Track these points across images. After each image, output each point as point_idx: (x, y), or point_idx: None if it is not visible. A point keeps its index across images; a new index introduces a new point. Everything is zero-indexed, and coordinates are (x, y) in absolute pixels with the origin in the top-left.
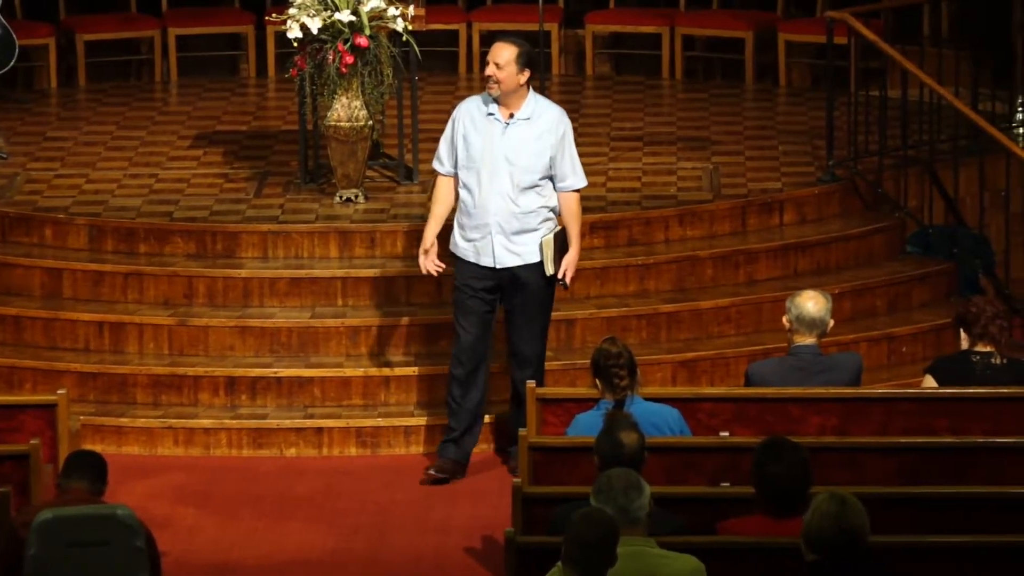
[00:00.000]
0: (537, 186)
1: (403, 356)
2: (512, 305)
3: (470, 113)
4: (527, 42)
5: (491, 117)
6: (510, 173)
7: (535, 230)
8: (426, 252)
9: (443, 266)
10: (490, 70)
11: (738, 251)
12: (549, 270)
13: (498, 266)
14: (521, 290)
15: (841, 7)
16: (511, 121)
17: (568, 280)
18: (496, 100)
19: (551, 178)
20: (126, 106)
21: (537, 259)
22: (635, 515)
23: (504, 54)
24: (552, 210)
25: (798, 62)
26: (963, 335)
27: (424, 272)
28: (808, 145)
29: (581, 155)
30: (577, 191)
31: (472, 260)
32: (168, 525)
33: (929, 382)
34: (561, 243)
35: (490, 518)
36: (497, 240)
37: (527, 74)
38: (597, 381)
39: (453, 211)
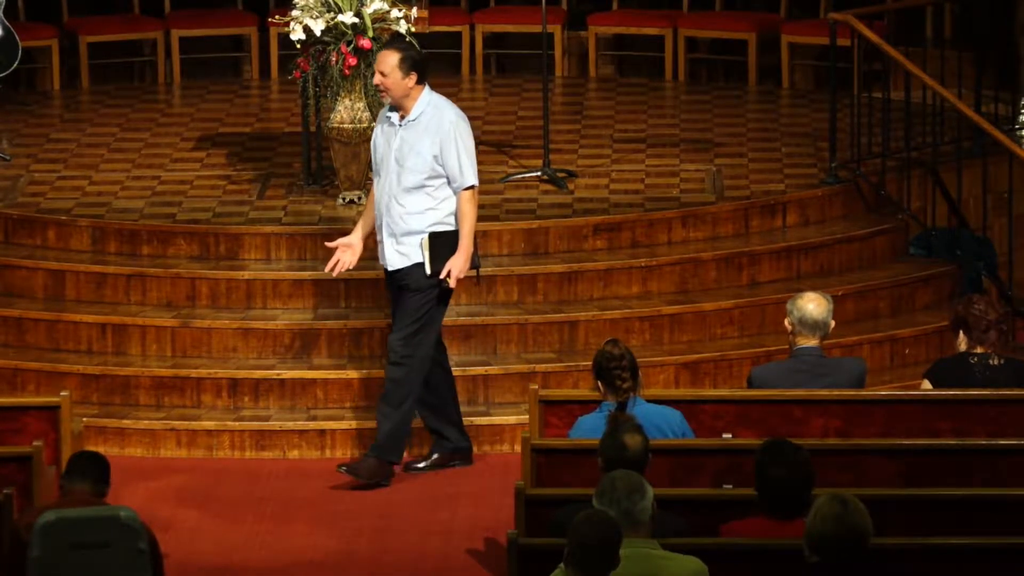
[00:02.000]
0: (425, 187)
1: None
2: (396, 304)
3: (381, 120)
4: (414, 46)
5: (390, 121)
6: (398, 174)
7: (424, 232)
8: (341, 246)
9: (344, 265)
10: (376, 79)
11: (741, 253)
12: (427, 269)
13: (389, 268)
14: (404, 290)
15: (844, 9)
16: (402, 123)
17: (452, 281)
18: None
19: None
20: (129, 108)
21: (421, 260)
22: (638, 518)
23: (388, 61)
24: (451, 214)
25: (801, 64)
26: (961, 336)
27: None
28: (811, 147)
29: (584, 157)
30: (468, 190)
31: (381, 263)
32: (171, 527)
33: (926, 386)
34: (447, 243)
35: (492, 520)
36: (388, 242)
37: (414, 77)
38: (599, 383)
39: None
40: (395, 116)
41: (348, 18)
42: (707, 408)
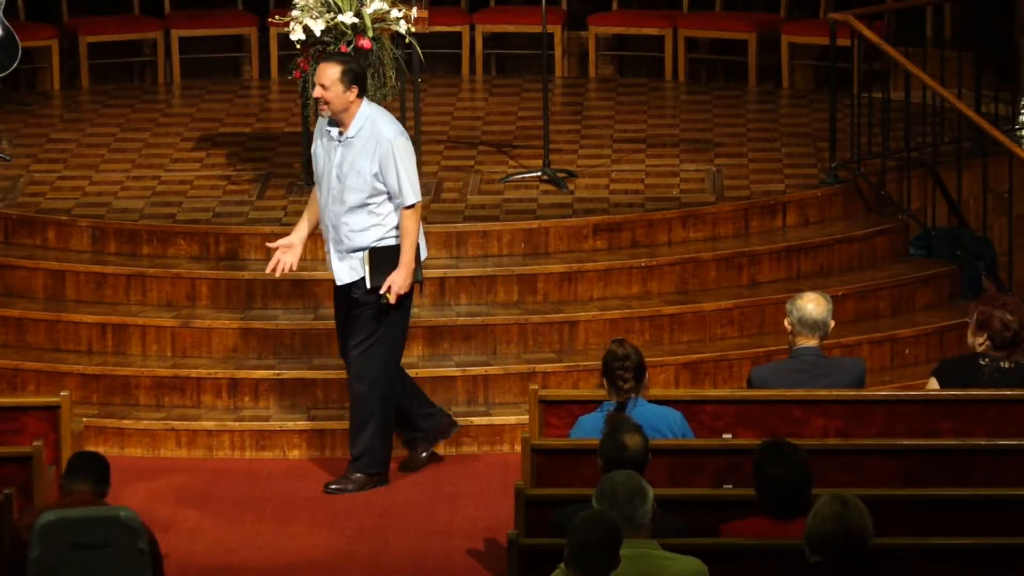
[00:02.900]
0: (368, 205)
1: (405, 358)
2: (347, 318)
3: (321, 128)
4: (355, 60)
5: (330, 134)
6: (340, 191)
7: (368, 249)
8: (282, 247)
9: (285, 265)
10: (317, 92)
11: (741, 253)
12: (368, 283)
13: (338, 282)
14: (353, 306)
15: (844, 9)
16: (342, 139)
17: (392, 297)
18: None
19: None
20: (129, 108)
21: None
22: (639, 522)
23: (328, 74)
24: (397, 227)
25: (801, 64)
26: (983, 338)
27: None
28: (811, 147)
29: (584, 157)
30: (410, 208)
31: (332, 274)
32: (170, 527)
33: (932, 385)
34: (388, 258)
35: (493, 520)
36: (335, 256)
37: (355, 91)
38: (604, 381)
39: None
40: (335, 131)
41: (348, 18)
42: (707, 408)
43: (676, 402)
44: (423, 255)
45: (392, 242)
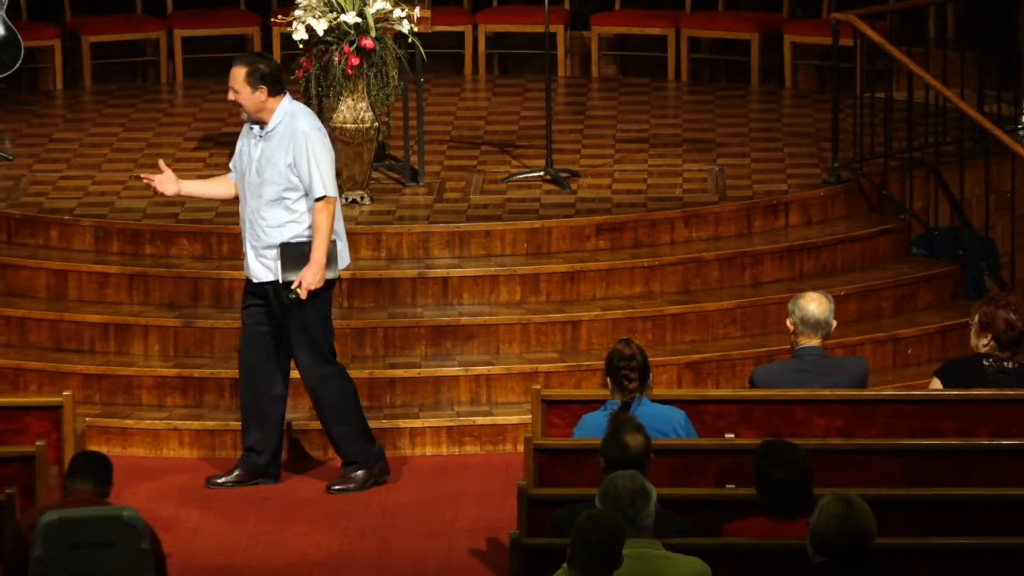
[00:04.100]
0: (284, 199)
1: (408, 358)
2: (277, 320)
3: (244, 131)
4: (264, 59)
5: (252, 132)
6: (258, 186)
7: (280, 244)
8: (169, 179)
9: (152, 179)
10: (230, 95)
11: (743, 253)
12: (280, 277)
13: (253, 279)
14: (278, 305)
15: (847, 9)
16: (263, 134)
17: (303, 292)
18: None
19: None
20: (132, 108)
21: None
22: (642, 523)
23: (236, 77)
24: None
25: (804, 64)
26: (987, 339)
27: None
28: (814, 147)
29: (587, 156)
30: (321, 200)
31: (245, 272)
32: (173, 527)
33: (936, 385)
34: (300, 253)
35: (495, 520)
36: (251, 254)
37: (264, 90)
38: (609, 380)
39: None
40: (256, 128)
41: (351, 18)
42: (710, 408)
43: (679, 402)
44: (345, 259)
45: (306, 239)
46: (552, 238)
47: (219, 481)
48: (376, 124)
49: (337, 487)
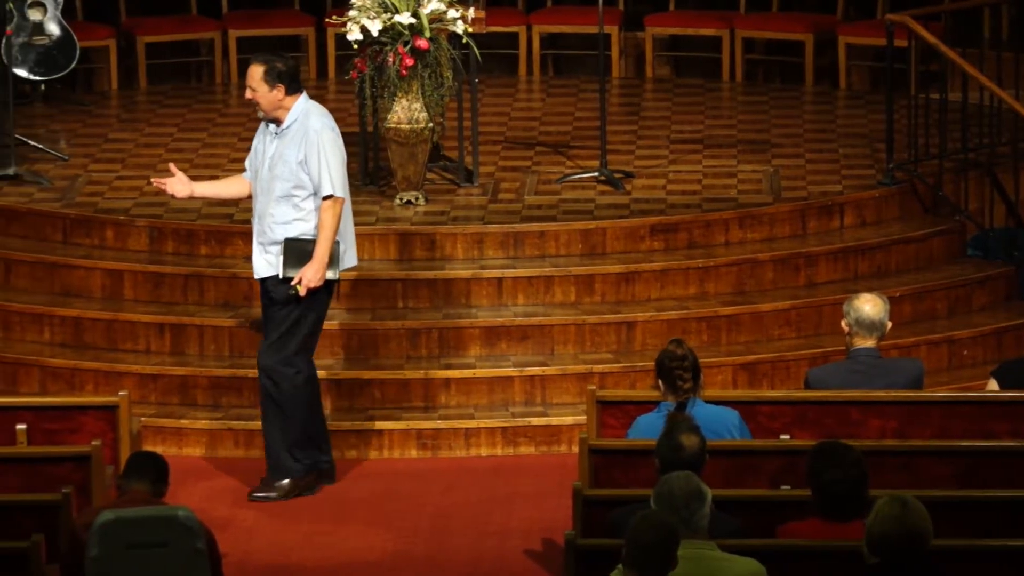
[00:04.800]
0: (293, 196)
1: (463, 358)
2: (264, 315)
3: (261, 128)
4: (281, 58)
5: (268, 129)
6: (269, 180)
7: (284, 240)
8: (181, 180)
9: (164, 183)
10: (247, 94)
11: (798, 254)
12: (281, 272)
13: (256, 275)
14: (269, 299)
15: (901, 9)
16: (277, 132)
17: (302, 290)
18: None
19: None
20: (186, 108)
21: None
22: (697, 525)
23: (253, 75)
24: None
25: (858, 65)
26: None
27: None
28: (868, 148)
29: (641, 157)
30: (328, 199)
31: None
32: (228, 527)
33: (992, 386)
34: (303, 251)
35: (549, 521)
36: (257, 250)
37: (281, 88)
38: (660, 382)
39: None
40: (272, 126)
41: (405, 19)
42: (764, 409)
43: (733, 403)
44: (352, 260)
45: (311, 238)
46: (606, 239)
47: (259, 494)
48: (430, 125)
49: (258, 494)
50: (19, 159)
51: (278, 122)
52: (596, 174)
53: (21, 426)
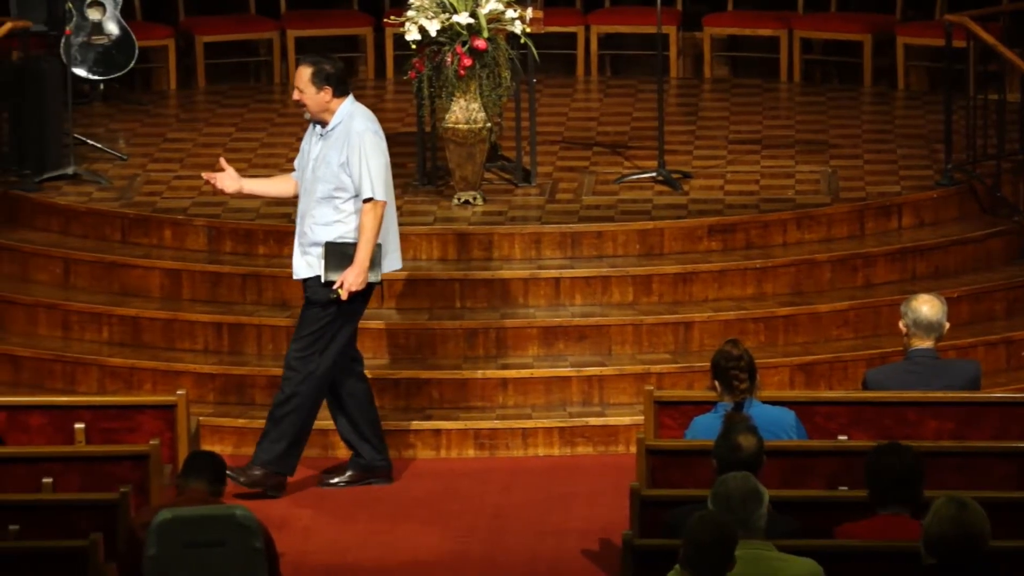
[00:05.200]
0: (334, 198)
1: (520, 358)
2: (301, 312)
3: (309, 129)
4: (329, 60)
5: (315, 130)
6: (312, 181)
7: (325, 243)
8: (231, 176)
9: (214, 177)
10: (295, 95)
11: (856, 255)
12: (322, 275)
13: (294, 276)
14: (307, 299)
15: (959, 10)
16: (322, 134)
17: (344, 293)
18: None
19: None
20: (245, 108)
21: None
22: (754, 525)
23: (301, 77)
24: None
25: (916, 65)
26: None
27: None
28: (926, 149)
29: (699, 158)
30: (369, 202)
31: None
32: (285, 526)
33: None
34: (345, 254)
35: (607, 521)
36: (297, 251)
37: (328, 91)
38: (716, 383)
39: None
40: (318, 127)
41: (463, 19)
42: (821, 410)
43: (790, 403)
44: (396, 263)
45: (352, 240)
46: (664, 239)
47: (332, 481)
48: (488, 125)
49: (230, 472)
50: (78, 159)
51: (324, 123)
52: (654, 174)
53: (80, 425)
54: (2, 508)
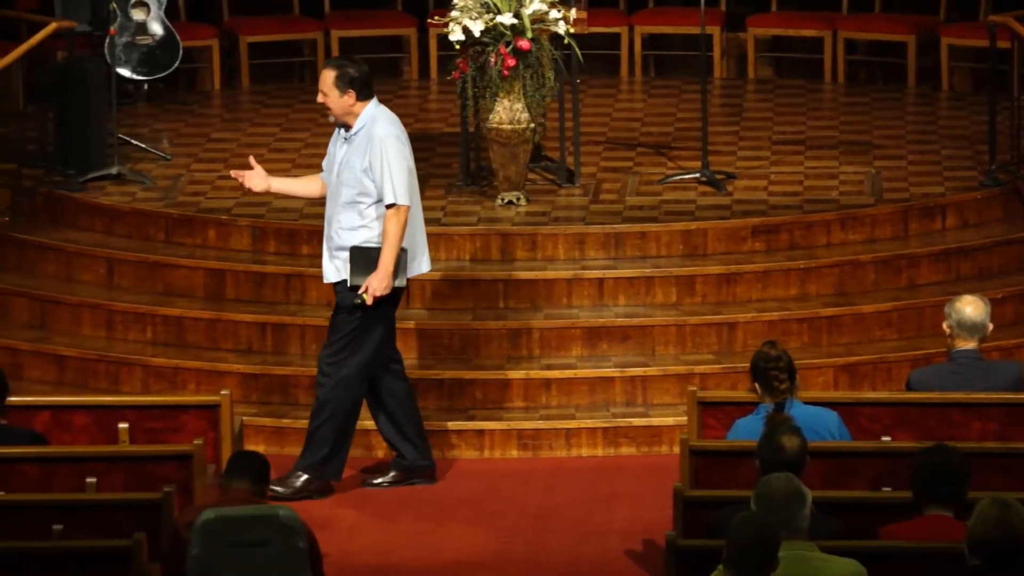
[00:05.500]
0: (358, 203)
1: (564, 359)
2: (331, 317)
3: (335, 133)
4: (353, 63)
5: (340, 134)
6: (337, 186)
7: (351, 248)
8: (259, 175)
9: (243, 175)
10: (319, 98)
11: (900, 255)
12: (348, 280)
13: (324, 280)
14: (336, 304)
15: (1004, 11)
16: (347, 137)
17: (369, 298)
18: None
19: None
20: (289, 108)
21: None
22: (798, 526)
23: (325, 80)
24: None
25: (960, 66)
26: None
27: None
28: (970, 149)
29: (743, 158)
30: (392, 207)
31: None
32: (328, 526)
33: None
34: (370, 259)
35: (650, 521)
36: (326, 255)
37: (352, 94)
38: (756, 385)
39: (314, 196)
40: (343, 130)
41: (507, 19)
42: (865, 411)
43: (834, 404)
44: (425, 266)
45: (376, 245)
46: (708, 240)
47: (375, 481)
48: (532, 125)
49: (275, 486)
50: (122, 159)
51: (348, 127)
52: (697, 175)
53: (124, 425)
54: (46, 508)
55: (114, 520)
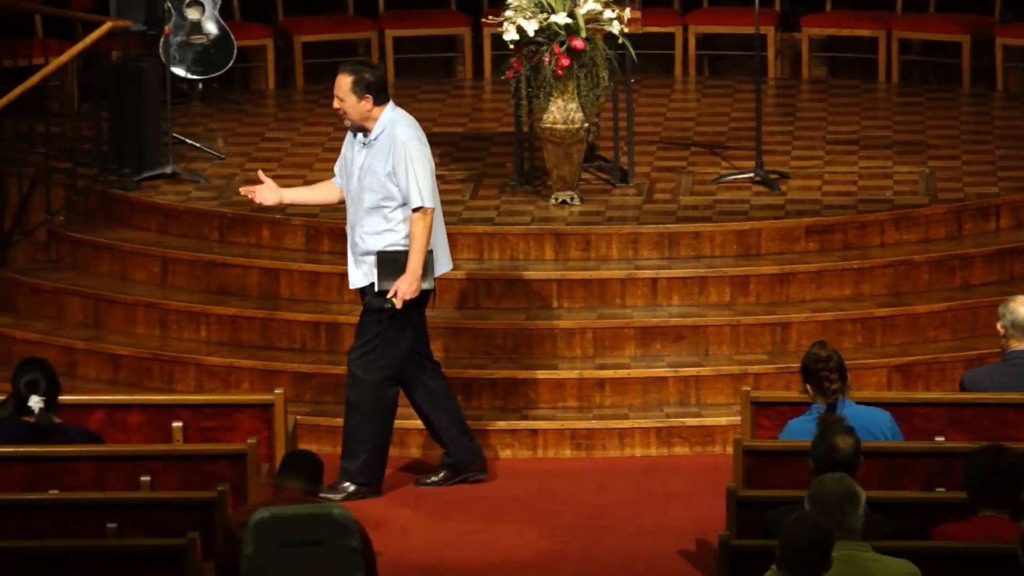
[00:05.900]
0: (382, 208)
1: (617, 359)
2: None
3: (349, 138)
4: (369, 67)
5: (356, 137)
6: (359, 192)
7: (377, 253)
8: (270, 188)
9: (253, 191)
10: (335, 103)
11: (954, 256)
12: (376, 285)
13: (351, 286)
14: (364, 308)
15: None
16: (365, 142)
17: (398, 302)
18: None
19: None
20: None
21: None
22: (851, 526)
23: (341, 85)
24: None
25: (1014, 66)
26: None
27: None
28: None
29: (797, 158)
30: (418, 211)
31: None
32: (381, 525)
33: None
34: (397, 263)
35: (703, 521)
36: (351, 260)
37: (369, 99)
38: (807, 386)
39: (328, 203)
40: (360, 135)
41: (561, 19)
42: (918, 411)
43: (887, 404)
44: (447, 266)
45: (402, 249)
46: (761, 239)
47: (428, 481)
48: (586, 125)
49: (326, 493)
50: (176, 158)
51: (366, 132)
52: (751, 175)
53: (178, 424)
54: (101, 506)
55: (168, 519)
